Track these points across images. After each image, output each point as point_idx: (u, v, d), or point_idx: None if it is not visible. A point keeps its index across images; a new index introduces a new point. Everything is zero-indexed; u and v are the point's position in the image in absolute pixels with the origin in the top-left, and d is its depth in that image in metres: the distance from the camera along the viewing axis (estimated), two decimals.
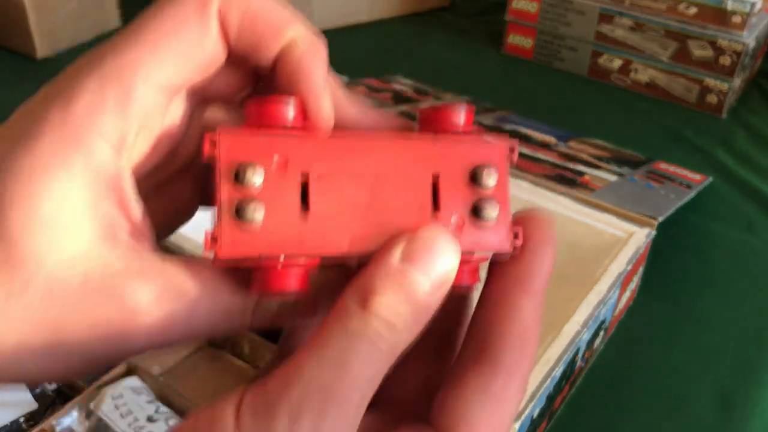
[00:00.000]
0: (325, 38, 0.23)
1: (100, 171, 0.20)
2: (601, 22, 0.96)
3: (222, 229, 0.20)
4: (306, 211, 0.21)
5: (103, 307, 0.19)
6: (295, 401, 0.18)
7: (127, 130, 0.20)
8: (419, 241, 0.20)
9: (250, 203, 0.20)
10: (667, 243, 0.64)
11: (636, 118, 0.91)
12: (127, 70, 0.20)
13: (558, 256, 0.23)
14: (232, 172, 0.20)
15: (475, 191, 0.22)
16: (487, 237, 0.22)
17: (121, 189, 0.20)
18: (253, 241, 0.20)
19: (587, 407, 0.52)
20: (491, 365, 0.21)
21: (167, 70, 0.21)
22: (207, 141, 0.20)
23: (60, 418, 0.45)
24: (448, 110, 0.22)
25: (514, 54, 1.05)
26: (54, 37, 0.98)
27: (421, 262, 0.20)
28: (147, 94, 0.21)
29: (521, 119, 0.83)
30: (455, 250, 0.21)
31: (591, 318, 0.48)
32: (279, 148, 0.21)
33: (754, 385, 0.54)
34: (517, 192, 0.62)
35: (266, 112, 0.21)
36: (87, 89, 0.20)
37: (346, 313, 0.19)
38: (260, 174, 0.20)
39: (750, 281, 0.64)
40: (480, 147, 0.22)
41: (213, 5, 0.22)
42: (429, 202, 0.22)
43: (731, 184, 0.77)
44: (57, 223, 0.19)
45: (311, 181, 0.21)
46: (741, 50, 0.87)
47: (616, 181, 0.68)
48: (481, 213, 0.22)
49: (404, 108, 0.80)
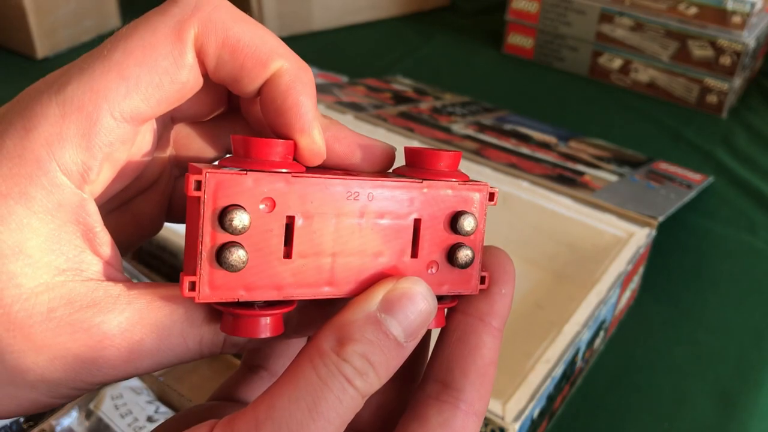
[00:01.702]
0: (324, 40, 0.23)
1: (62, 203, 0.19)
2: (601, 22, 0.96)
3: (201, 274, 0.19)
4: (288, 255, 0.20)
5: (68, 340, 0.19)
6: None
7: (90, 163, 0.19)
8: (398, 291, 0.21)
9: (233, 249, 0.19)
10: (667, 243, 0.64)
11: (636, 118, 0.91)
12: (91, 98, 0.19)
13: (558, 256, 0.24)
14: (216, 215, 0.19)
15: (452, 236, 0.23)
16: (458, 281, 0.23)
17: (85, 220, 0.20)
18: (232, 285, 0.20)
19: (587, 407, 0.52)
20: (453, 401, 0.22)
21: (135, 101, 0.20)
22: (191, 181, 0.19)
23: (60, 418, 0.45)
24: (435, 156, 0.23)
25: (514, 54, 1.05)
26: (54, 37, 0.98)
27: (399, 313, 0.20)
28: (111, 125, 0.19)
29: (521, 119, 0.83)
30: (432, 302, 0.21)
31: (591, 318, 0.48)
32: (266, 188, 0.20)
33: (754, 385, 0.54)
34: (517, 192, 0.62)
35: (255, 148, 0.20)
36: (47, 117, 0.19)
37: (319, 356, 0.19)
38: (245, 219, 0.19)
39: (750, 281, 0.64)
40: (462, 194, 0.23)
41: (189, 32, 0.20)
42: (409, 247, 0.22)
43: (732, 184, 0.77)
44: (16, 254, 0.18)
45: (296, 225, 0.20)
46: (741, 50, 0.87)
47: (616, 181, 0.68)
48: (456, 259, 0.22)
49: (404, 108, 0.80)
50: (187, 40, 0.20)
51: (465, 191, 0.23)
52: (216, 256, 0.19)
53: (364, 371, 0.20)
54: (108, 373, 0.20)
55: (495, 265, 0.23)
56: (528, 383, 0.43)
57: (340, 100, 0.79)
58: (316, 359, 0.19)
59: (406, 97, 0.85)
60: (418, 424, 0.22)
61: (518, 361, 0.45)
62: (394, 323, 0.20)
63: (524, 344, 0.49)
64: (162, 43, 0.20)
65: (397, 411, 0.23)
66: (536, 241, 0.60)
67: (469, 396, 0.22)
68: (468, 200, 0.23)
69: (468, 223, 0.22)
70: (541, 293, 0.58)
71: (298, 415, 0.19)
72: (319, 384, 0.19)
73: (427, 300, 0.21)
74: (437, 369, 0.23)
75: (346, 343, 0.20)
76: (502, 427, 0.40)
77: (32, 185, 0.19)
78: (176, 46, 0.20)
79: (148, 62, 0.20)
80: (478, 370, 0.22)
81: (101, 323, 0.19)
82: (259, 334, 0.20)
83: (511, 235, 0.61)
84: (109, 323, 0.19)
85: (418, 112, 0.80)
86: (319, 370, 0.19)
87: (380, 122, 0.73)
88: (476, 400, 0.22)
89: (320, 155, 0.22)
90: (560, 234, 0.60)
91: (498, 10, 1.09)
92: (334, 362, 0.19)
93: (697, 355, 0.56)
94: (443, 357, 0.23)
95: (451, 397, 0.22)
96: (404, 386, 0.25)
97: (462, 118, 0.80)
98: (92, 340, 0.19)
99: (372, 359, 0.20)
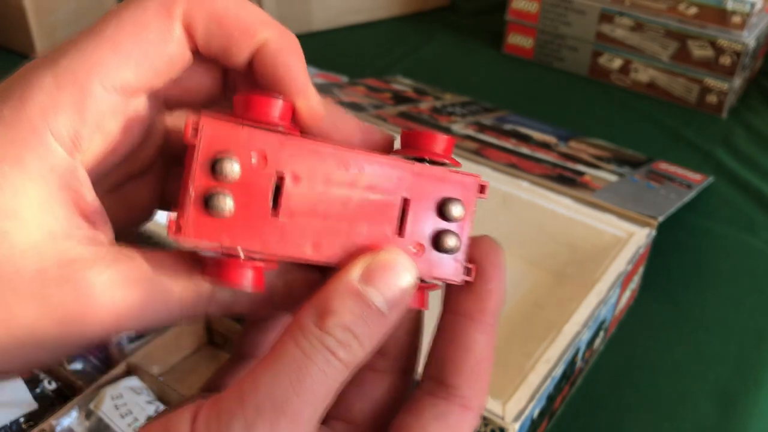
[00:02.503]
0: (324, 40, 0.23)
1: (54, 168, 0.20)
2: (601, 22, 0.96)
3: (189, 213, 0.20)
4: (275, 211, 0.21)
5: (58, 295, 0.20)
6: (249, 415, 0.19)
7: (82, 130, 0.20)
8: (379, 262, 0.21)
9: (221, 194, 0.20)
10: (667, 243, 0.64)
11: (636, 118, 0.91)
12: (84, 70, 0.20)
13: (558, 256, 0.24)
14: (209, 161, 0.20)
15: (439, 221, 0.23)
16: (441, 267, 0.23)
17: (76, 187, 0.21)
18: (217, 230, 0.20)
19: (587, 407, 0.52)
20: (448, 396, 0.22)
21: (126, 72, 0.21)
22: (189, 126, 0.20)
23: (60, 418, 0.45)
24: (429, 137, 0.23)
25: (514, 54, 1.05)
26: (54, 37, 0.98)
27: (380, 283, 0.21)
28: (103, 95, 0.21)
29: (521, 119, 0.83)
30: (413, 273, 0.21)
31: (591, 318, 0.48)
32: (260, 143, 0.21)
33: (754, 385, 0.54)
34: (517, 192, 0.62)
35: (254, 105, 0.21)
36: (42, 88, 0.20)
37: (301, 330, 0.20)
38: (237, 167, 0.20)
39: (750, 281, 0.64)
40: (453, 180, 0.23)
41: (177, 8, 0.21)
42: (395, 224, 0.22)
43: (731, 184, 0.77)
44: (9, 215, 0.19)
45: (286, 182, 0.21)
46: (741, 50, 0.87)
47: (616, 181, 0.68)
48: (441, 244, 0.23)
49: (404, 108, 0.80)
50: (176, 16, 0.21)
51: (456, 177, 0.23)
52: (204, 200, 0.20)
53: (347, 342, 0.20)
54: (95, 330, 0.20)
55: (483, 258, 0.23)
56: (528, 383, 0.43)
57: (340, 100, 0.79)
58: (297, 334, 0.20)
59: (406, 97, 0.85)
60: (412, 418, 0.22)
61: (518, 361, 0.45)
62: (375, 293, 0.21)
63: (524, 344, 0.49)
64: (151, 20, 0.21)
65: (393, 406, 0.24)
66: (536, 241, 0.60)
67: (464, 392, 0.22)
68: (458, 187, 0.23)
69: (456, 210, 0.23)
70: (541, 293, 0.58)
71: (282, 389, 0.19)
72: (303, 358, 0.19)
73: (409, 270, 0.21)
74: (432, 368, 0.23)
75: (326, 316, 0.20)
76: (502, 427, 0.40)
77: (27, 151, 0.20)
78: (165, 21, 0.21)
79: (138, 37, 0.21)
80: (472, 368, 0.22)
81: (88, 278, 0.20)
82: (240, 284, 0.21)
83: (511, 235, 0.61)
84: (96, 278, 0.20)
85: (418, 112, 0.80)
86: (302, 344, 0.20)
87: (380, 122, 0.73)
88: (472, 396, 0.22)
89: (318, 116, 0.23)
90: (560, 234, 0.60)
91: (498, 10, 1.09)
92: (316, 335, 0.20)
93: (697, 355, 0.56)
94: (437, 357, 0.23)
95: (445, 392, 0.22)
96: (399, 380, 0.25)
97: (462, 118, 0.80)
98: (79, 293, 0.20)
99: (354, 330, 0.20)
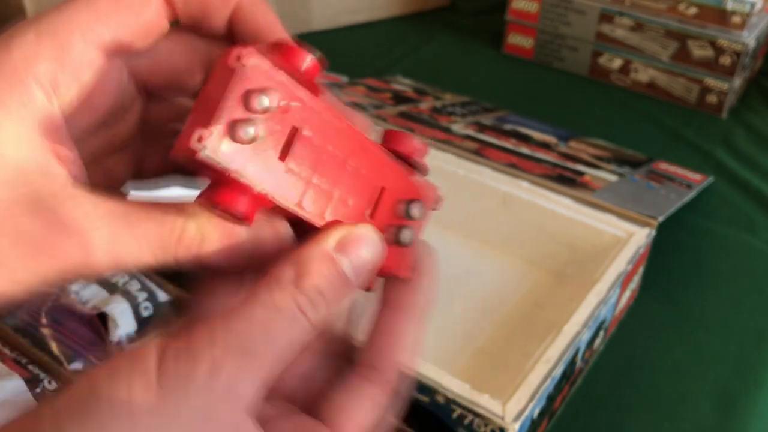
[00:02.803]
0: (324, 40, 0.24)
1: (35, 111, 0.21)
2: (601, 22, 0.96)
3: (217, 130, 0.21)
4: (282, 159, 0.23)
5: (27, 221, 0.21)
6: (217, 356, 0.20)
7: (61, 78, 0.22)
8: (354, 234, 0.24)
9: (249, 122, 0.21)
10: (667, 243, 0.64)
11: (636, 118, 0.91)
12: (64, 26, 0.22)
13: (558, 256, 0.25)
14: (244, 90, 0.21)
15: (402, 217, 0.26)
16: (396, 260, 0.26)
17: (54, 130, 0.22)
18: (232, 156, 0.21)
19: (587, 407, 0.52)
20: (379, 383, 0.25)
21: (103, 32, 0.23)
22: (234, 51, 0.21)
23: None
24: (408, 140, 0.27)
25: (514, 54, 1.05)
26: None
27: (351, 253, 0.23)
28: (81, 48, 0.22)
29: (521, 119, 0.83)
30: (381, 248, 0.25)
31: (591, 318, 0.48)
32: (289, 95, 0.22)
33: (754, 385, 0.54)
34: (517, 192, 0.62)
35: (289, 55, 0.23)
36: (25, 41, 0.22)
37: (277, 284, 0.22)
38: (268, 103, 0.21)
39: (750, 281, 0.64)
40: (421, 185, 0.27)
41: None
42: (372, 207, 0.26)
43: (732, 184, 0.77)
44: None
45: (298, 137, 0.23)
46: (741, 50, 0.87)
47: (616, 181, 0.68)
48: (400, 237, 0.26)
49: (404, 108, 0.80)
50: None
51: (425, 184, 0.27)
52: (230, 125, 0.21)
53: (316, 303, 0.22)
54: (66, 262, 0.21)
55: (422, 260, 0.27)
56: (528, 383, 0.43)
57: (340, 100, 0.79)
58: (273, 287, 0.22)
59: (406, 97, 0.85)
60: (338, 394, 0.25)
61: (518, 361, 0.45)
62: (346, 261, 0.23)
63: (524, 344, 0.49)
64: None
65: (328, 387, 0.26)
66: (536, 241, 0.60)
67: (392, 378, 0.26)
68: (424, 192, 0.27)
69: (418, 211, 0.26)
70: (541, 293, 0.58)
71: (251, 333, 0.21)
72: (275, 309, 0.21)
73: (378, 246, 0.24)
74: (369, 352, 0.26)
75: (303, 276, 0.22)
76: (502, 427, 0.40)
77: (9, 94, 0.21)
78: None
79: (118, 2, 0.23)
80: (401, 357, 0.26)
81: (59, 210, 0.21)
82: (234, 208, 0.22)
83: (511, 235, 0.61)
84: (67, 211, 0.21)
85: (418, 112, 0.80)
86: (276, 296, 0.22)
87: (380, 122, 0.73)
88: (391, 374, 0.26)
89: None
90: (560, 234, 0.60)
91: (498, 10, 1.09)
92: (291, 292, 0.22)
93: (697, 355, 0.56)
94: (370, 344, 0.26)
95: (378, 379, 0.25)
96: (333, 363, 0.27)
97: (462, 118, 0.80)
98: (49, 222, 0.21)
99: (325, 292, 0.22)
